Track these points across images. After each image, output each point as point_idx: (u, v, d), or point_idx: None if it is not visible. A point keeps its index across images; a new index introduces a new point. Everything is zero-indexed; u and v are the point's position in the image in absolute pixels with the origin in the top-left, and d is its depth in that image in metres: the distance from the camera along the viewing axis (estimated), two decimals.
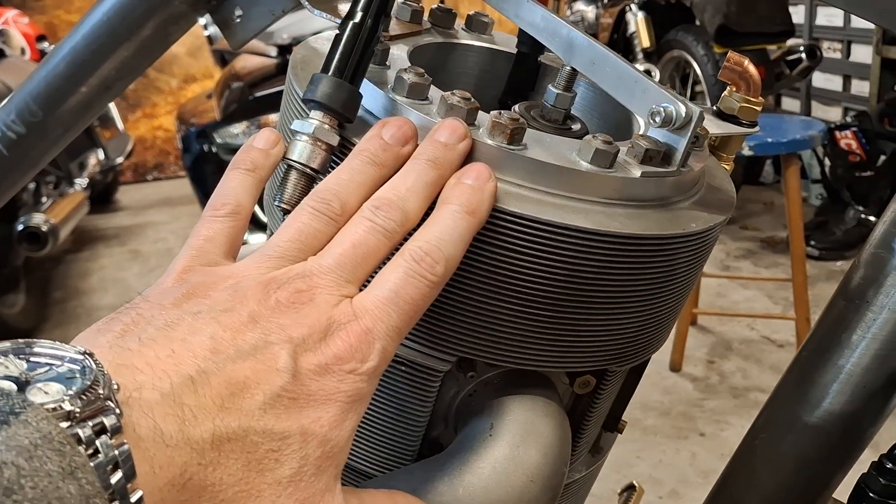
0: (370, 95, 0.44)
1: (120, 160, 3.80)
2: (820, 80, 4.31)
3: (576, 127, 0.51)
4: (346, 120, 0.42)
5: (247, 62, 2.64)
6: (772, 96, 4.47)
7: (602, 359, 0.46)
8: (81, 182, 3.24)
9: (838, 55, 4.16)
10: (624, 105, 0.46)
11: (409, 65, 0.45)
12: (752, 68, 0.57)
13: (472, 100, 0.42)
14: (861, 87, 4.04)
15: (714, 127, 0.54)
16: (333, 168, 0.42)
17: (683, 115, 0.43)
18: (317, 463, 0.32)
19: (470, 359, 0.45)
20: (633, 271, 0.43)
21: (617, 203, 0.42)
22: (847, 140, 3.44)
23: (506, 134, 0.41)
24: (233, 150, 2.41)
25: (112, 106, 4.09)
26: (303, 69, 0.48)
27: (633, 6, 4.18)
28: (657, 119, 0.43)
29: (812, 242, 3.37)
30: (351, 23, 0.41)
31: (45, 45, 3.76)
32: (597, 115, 0.56)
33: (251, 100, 2.44)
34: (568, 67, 0.49)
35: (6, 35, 3.45)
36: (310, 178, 0.41)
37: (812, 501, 0.51)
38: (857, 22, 3.96)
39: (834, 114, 4.24)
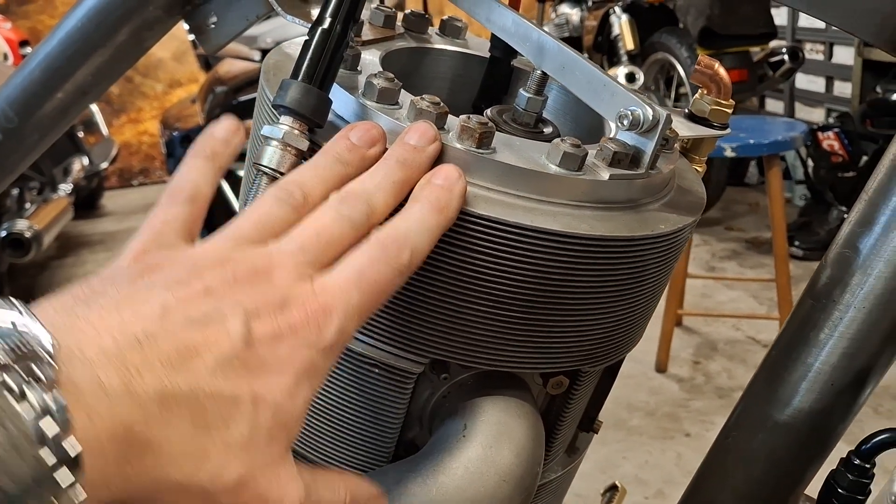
0: (340, 101, 0.44)
1: (104, 165, 3.78)
2: (803, 81, 4.34)
3: (548, 130, 0.51)
4: (316, 125, 0.42)
5: (230, 67, 2.64)
6: (755, 98, 4.51)
7: (574, 359, 0.46)
8: (66, 188, 3.22)
9: (821, 57, 4.19)
10: (593, 108, 0.47)
11: (381, 70, 0.46)
12: (722, 71, 0.58)
13: (442, 104, 0.42)
14: (843, 89, 4.08)
15: (685, 129, 0.54)
16: None
17: (651, 118, 0.43)
18: (268, 431, 0.32)
19: (443, 360, 0.45)
20: (602, 272, 0.43)
21: (586, 205, 0.43)
22: (830, 141, 3.47)
23: (474, 138, 0.41)
24: None
25: (96, 111, 4.07)
26: (275, 74, 0.48)
27: (618, 9, 4.20)
28: (625, 122, 0.44)
29: (796, 243, 3.40)
30: (320, 29, 0.42)
31: (29, 50, 3.74)
32: (570, 118, 0.57)
33: (235, 104, 2.43)
34: (539, 71, 0.49)
35: None
36: None
37: (784, 498, 0.51)
38: None
39: (817, 115, 4.27)
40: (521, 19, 0.50)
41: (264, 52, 2.42)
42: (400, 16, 0.57)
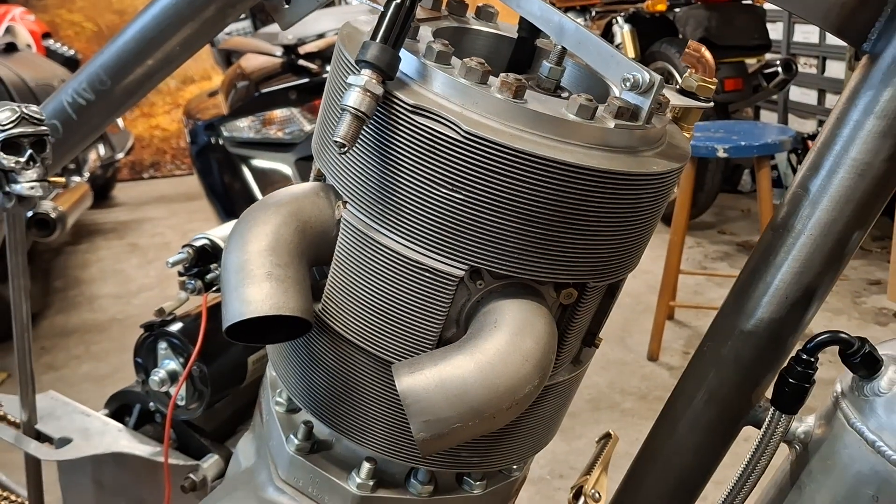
0: (405, 61, 0.56)
1: (121, 155, 3.90)
2: (796, 93, 4.49)
3: (564, 95, 0.64)
4: (389, 77, 0.54)
5: (251, 61, 2.76)
6: (750, 108, 4.64)
7: (584, 272, 0.58)
8: (84, 175, 3.34)
9: (814, 70, 4.34)
10: (603, 74, 0.59)
11: (435, 38, 0.58)
12: (707, 54, 0.71)
13: (486, 64, 0.54)
14: (835, 101, 4.22)
15: (676, 100, 0.67)
16: (378, 113, 0.54)
17: (648, 80, 0.56)
18: None
19: (479, 269, 0.57)
20: (606, 201, 0.55)
21: (595, 147, 0.55)
22: None
23: (511, 90, 0.53)
24: (238, 142, 2.52)
25: None
26: (350, 41, 0.61)
27: (620, 19, 4.34)
28: (628, 84, 0.56)
29: None
30: (394, 2, 0.54)
31: (51, 42, 3.86)
32: (582, 89, 0.69)
33: (258, 96, 2.56)
34: (559, 46, 0.62)
35: (13, 31, 3.55)
36: (361, 120, 0.53)
37: (749, 397, 0.63)
38: (832, 39, 4.14)
39: (809, 126, 4.41)
40: (545, 5, 0.62)
41: (285, 48, 2.54)
42: (444, 1, 0.69)
